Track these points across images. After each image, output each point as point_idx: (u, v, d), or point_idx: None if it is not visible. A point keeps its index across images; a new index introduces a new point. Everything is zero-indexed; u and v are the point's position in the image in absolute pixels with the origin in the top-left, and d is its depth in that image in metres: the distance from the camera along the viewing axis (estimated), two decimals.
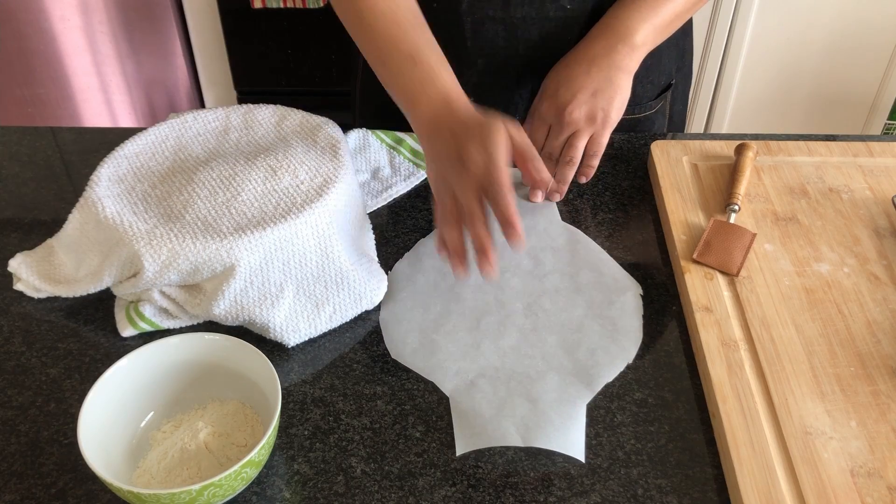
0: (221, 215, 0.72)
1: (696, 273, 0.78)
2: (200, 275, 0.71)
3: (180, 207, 0.73)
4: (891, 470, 0.62)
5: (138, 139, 0.82)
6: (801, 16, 1.87)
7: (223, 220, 0.72)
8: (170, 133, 0.83)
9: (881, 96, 2.01)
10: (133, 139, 0.82)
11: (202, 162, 0.79)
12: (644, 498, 0.62)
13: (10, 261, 0.78)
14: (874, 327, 0.73)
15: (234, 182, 0.75)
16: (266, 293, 0.72)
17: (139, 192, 0.76)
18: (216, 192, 0.74)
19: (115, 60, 1.97)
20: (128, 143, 0.81)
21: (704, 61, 1.96)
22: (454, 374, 0.70)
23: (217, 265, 0.70)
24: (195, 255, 0.69)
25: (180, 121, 0.85)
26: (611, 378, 0.70)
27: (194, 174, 0.77)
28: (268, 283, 0.72)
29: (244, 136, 0.84)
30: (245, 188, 0.75)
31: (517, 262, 0.80)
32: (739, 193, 0.84)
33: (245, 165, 0.77)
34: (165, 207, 0.74)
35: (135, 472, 0.62)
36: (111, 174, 0.78)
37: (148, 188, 0.76)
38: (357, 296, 0.74)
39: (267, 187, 0.75)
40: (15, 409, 0.68)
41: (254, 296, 0.72)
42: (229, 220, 0.72)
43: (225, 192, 0.74)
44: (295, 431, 0.67)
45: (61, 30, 1.90)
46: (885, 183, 0.88)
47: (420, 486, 0.63)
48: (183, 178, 0.77)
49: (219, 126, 0.85)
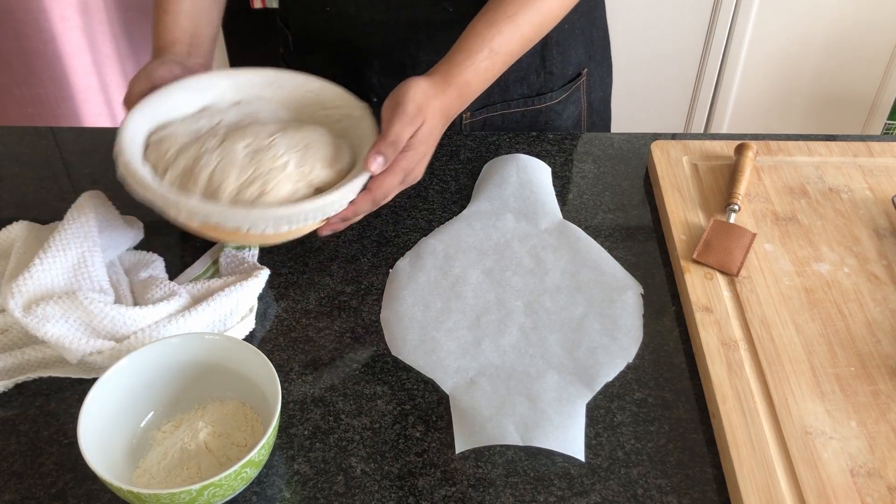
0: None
1: (696, 273, 0.78)
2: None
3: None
4: (891, 470, 0.62)
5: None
6: (801, 16, 1.87)
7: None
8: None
9: (881, 96, 2.01)
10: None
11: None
12: (644, 498, 0.62)
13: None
14: (874, 327, 0.73)
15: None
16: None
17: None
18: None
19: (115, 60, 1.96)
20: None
21: (704, 61, 1.96)
22: (454, 372, 0.70)
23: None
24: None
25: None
26: (611, 377, 0.70)
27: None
28: None
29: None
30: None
31: (518, 261, 0.80)
32: (739, 193, 0.84)
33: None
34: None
35: (135, 472, 0.62)
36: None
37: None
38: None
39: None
40: (15, 409, 0.68)
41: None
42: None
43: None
44: (295, 431, 0.67)
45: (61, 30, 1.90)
46: (885, 183, 0.88)
47: (420, 486, 0.63)
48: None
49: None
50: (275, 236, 0.70)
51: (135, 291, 0.76)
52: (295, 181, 0.71)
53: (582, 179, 0.92)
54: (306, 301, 0.78)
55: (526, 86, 0.99)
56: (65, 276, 0.73)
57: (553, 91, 1.01)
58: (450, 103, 0.78)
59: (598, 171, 0.93)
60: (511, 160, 0.91)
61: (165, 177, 0.71)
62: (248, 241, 0.74)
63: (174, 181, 0.71)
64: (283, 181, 0.70)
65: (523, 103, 1.00)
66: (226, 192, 0.69)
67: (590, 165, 0.94)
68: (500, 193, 0.88)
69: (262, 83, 0.82)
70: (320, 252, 0.83)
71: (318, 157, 0.73)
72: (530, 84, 0.99)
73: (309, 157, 0.72)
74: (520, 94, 1.00)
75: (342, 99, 0.81)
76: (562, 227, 0.85)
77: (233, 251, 0.80)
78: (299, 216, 0.68)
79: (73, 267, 0.73)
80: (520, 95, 1.00)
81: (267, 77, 0.82)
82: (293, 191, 0.71)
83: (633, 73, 1.93)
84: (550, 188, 0.89)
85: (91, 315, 0.69)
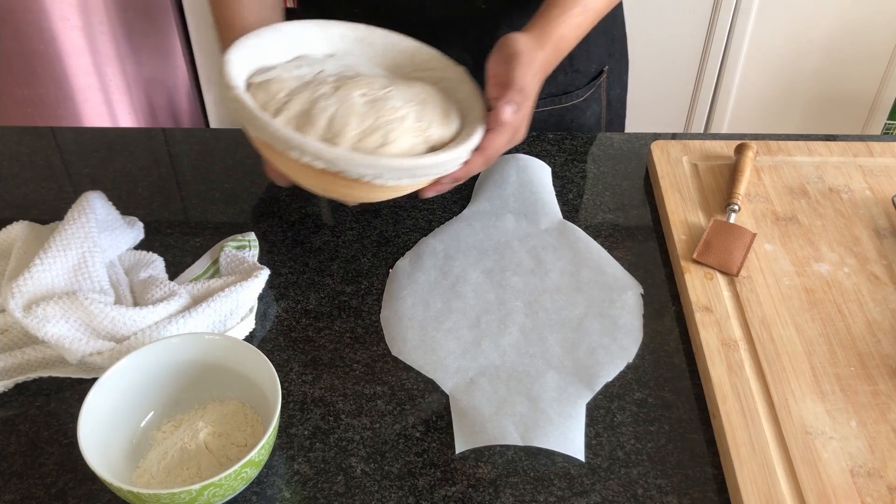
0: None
1: (696, 273, 0.78)
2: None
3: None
4: (891, 470, 0.62)
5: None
6: (801, 16, 1.87)
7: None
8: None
9: (881, 96, 2.01)
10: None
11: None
12: (644, 498, 0.62)
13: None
14: (874, 327, 0.73)
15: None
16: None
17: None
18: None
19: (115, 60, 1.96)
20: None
21: (704, 61, 1.96)
22: (454, 372, 0.70)
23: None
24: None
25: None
26: (611, 377, 0.70)
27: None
28: None
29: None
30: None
31: (518, 261, 0.80)
32: (739, 193, 0.84)
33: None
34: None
35: (135, 472, 0.62)
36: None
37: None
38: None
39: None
40: (15, 409, 0.68)
41: None
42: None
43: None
44: (295, 431, 0.67)
45: (61, 30, 1.90)
46: (885, 183, 0.88)
47: (420, 486, 0.63)
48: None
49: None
50: (391, 189, 0.67)
51: (135, 291, 0.76)
52: (413, 135, 0.68)
53: (582, 179, 0.92)
54: (306, 301, 0.78)
55: (554, 85, 0.99)
56: (65, 277, 0.73)
57: (578, 89, 1.01)
58: (548, 57, 0.76)
59: (598, 171, 0.93)
60: (511, 160, 0.91)
61: (279, 118, 0.67)
62: (358, 192, 0.68)
63: (288, 123, 0.67)
64: (403, 134, 0.67)
65: (550, 102, 1.00)
66: (346, 139, 0.66)
67: (590, 165, 0.94)
68: (500, 193, 0.88)
69: (353, 38, 0.78)
70: (320, 252, 0.83)
71: (435, 114, 0.70)
72: (558, 83, 0.99)
73: (426, 112, 0.70)
74: (547, 94, 0.99)
75: (438, 61, 0.77)
76: (562, 227, 0.85)
77: (233, 251, 0.80)
78: (422, 169, 0.66)
79: (73, 267, 0.74)
80: (547, 94, 1.00)
81: (358, 32, 0.78)
82: (412, 145, 0.68)
83: (633, 73, 1.93)
84: (550, 188, 0.89)
85: (91, 315, 0.69)
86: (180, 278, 0.80)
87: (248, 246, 0.82)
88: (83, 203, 0.79)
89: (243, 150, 0.97)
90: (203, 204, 0.90)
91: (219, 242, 0.83)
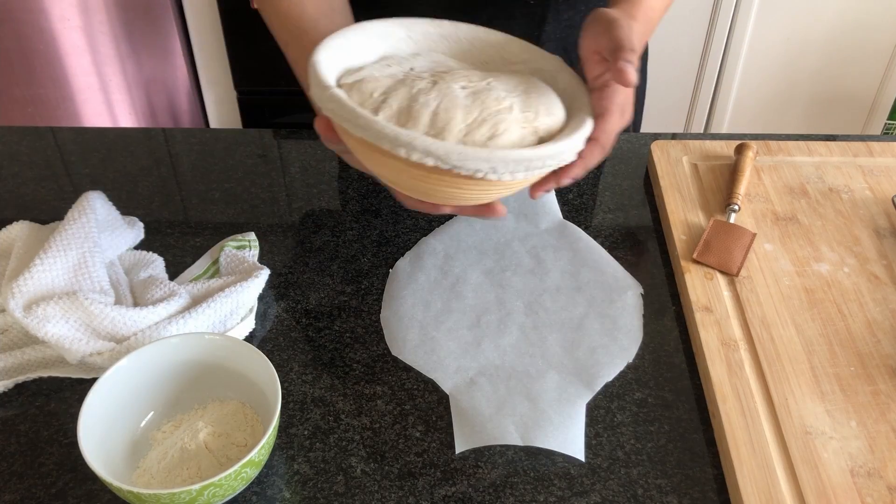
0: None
1: (696, 273, 0.78)
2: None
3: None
4: (891, 470, 0.62)
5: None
6: (801, 16, 1.87)
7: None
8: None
9: (881, 96, 2.01)
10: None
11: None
12: (644, 498, 0.62)
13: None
14: (874, 327, 0.73)
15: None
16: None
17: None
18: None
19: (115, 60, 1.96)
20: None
21: (704, 61, 1.96)
22: (454, 372, 0.70)
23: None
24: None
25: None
26: (611, 377, 0.70)
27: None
28: None
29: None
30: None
31: (518, 261, 0.80)
32: (739, 193, 0.84)
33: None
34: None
35: (135, 472, 0.62)
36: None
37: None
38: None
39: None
40: (15, 409, 0.68)
41: None
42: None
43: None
44: (295, 431, 0.67)
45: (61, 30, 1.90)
46: (885, 183, 0.88)
47: (420, 486, 0.63)
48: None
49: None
50: (505, 186, 0.62)
51: (135, 291, 0.76)
52: (522, 125, 0.64)
53: (582, 179, 0.92)
54: (306, 301, 0.78)
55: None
56: (65, 277, 0.73)
57: None
58: (642, 29, 0.72)
59: (597, 171, 0.93)
60: None
61: (378, 116, 0.63)
62: (469, 191, 0.63)
63: (389, 121, 0.62)
64: (512, 124, 0.63)
65: None
66: (453, 133, 0.62)
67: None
68: None
69: (437, 35, 0.74)
70: (320, 252, 0.83)
71: (541, 103, 0.66)
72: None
73: (531, 102, 0.65)
74: None
75: (529, 52, 0.73)
76: (562, 227, 0.85)
77: (233, 251, 0.80)
78: (539, 160, 0.61)
79: (73, 267, 0.74)
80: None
81: (442, 29, 0.74)
82: (521, 136, 0.63)
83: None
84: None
85: (91, 316, 0.69)
86: (180, 278, 0.80)
87: (248, 246, 0.82)
88: (83, 203, 0.79)
89: (243, 150, 0.97)
90: (203, 204, 0.90)
91: (219, 242, 0.83)
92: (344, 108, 0.61)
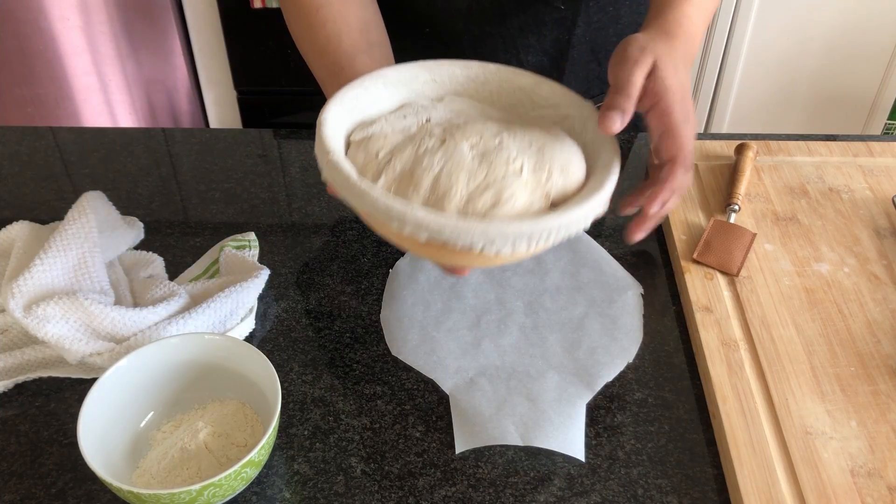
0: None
1: (696, 273, 0.78)
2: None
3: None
4: (891, 470, 0.62)
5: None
6: (801, 16, 1.87)
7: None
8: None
9: (881, 96, 2.01)
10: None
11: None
12: (644, 498, 0.62)
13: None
14: (874, 327, 0.73)
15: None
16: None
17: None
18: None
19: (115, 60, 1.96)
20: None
21: (704, 61, 1.96)
22: (454, 372, 0.70)
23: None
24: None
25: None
26: (611, 377, 0.70)
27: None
28: None
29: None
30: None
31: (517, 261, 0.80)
32: (739, 193, 0.84)
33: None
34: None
35: (135, 472, 0.62)
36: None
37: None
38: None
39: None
40: (15, 409, 0.68)
41: None
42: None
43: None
44: (295, 431, 0.67)
45: (61, 30, 1.90)
46: (886, 183, 0.88)
47: (420, 486, 0.63)
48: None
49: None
50: (508, 257, 0.58)
51: (135, 291, 0.76)
52: (531, 190, 0.60)
53: None
54: (306, 301, 0.78)
55: (597, 86, 0.99)
56: (65, 277, 0.73)
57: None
58: (677, 45, 0.67)
59: None
60: None
61: (378, 182, 0.61)
62: (474, 260, 0.60)
63: (390, 187, 0.61)
64: (519, 189, 0.59)
65: (600, 99, 0.99)
66: (454, 201, 0.59)
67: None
68: None
69: (463, 78, 0.71)
70: (320, 252, 0.83)
71: (556, 161, 0.61)
72: (601, 82, 0.99)
73: (545, 160, 0.61)
74: (600, 91, 0.99)
75: (560, 97, 0.69)
76: None
77: (233, 251, 0.80)
78: (542, 233, 0.57)
79: (73, 267, 0.73)
80: (600, 92, 0.99)
81: (469, 71, 0.71)
82: (529, 202, 0.60)
83: None
84: None
85: (91, 316, 0.69)
86: (180, 278, 0.80)
87: (248, 246, 0.82)
88: (83, 203, 0.79)
89: (243, 150, 0.97)
90: (203, 204, 0.90)
91: (219, 242, 0.83)
92: (341, 176, 0.59)
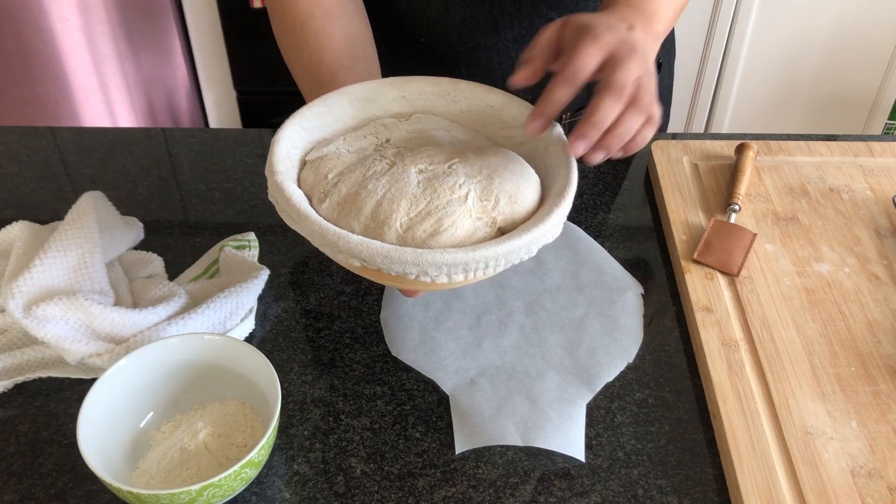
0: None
1: (697, 273, 0.78)
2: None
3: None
4: (891, 470, 0.62)
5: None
6: (801, 16, 1.87)
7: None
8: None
9: (881, 96, 2.01)
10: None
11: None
12: (644, 498, 0.62)
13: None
14: (874, 327, 0.73)
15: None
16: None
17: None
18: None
19: (115, 60, 1.96)
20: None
21: (704, 61, 1.96)
22: (454, 373, 0.70)
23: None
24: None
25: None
26: (611, 378, 0.70)
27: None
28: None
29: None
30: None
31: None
32: (740, 193, 0.84)
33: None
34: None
35: (134, 473, 0.62)
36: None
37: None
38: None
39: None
40: (15, 409, 0.68)
41: None
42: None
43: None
44: (295, 431, 0.67)
45: (61, 30, 1.90)
46: (886, 183, 0.88)
47: (420, 486, 0.63)
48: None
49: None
50: (447, 284, 0.59)
51: (134, 291, 0.76)
52: (475, 217, 0.60)
53: (582, 179, 0.92)
54: (306, 301, 0.78)
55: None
56: (65, 277, 0.73)
57: None
58: (615, 10, 0.66)
59: (598, 171, 0.93)
60: None
61: (324, 204, 0.62)
62: (414, 287, 0.61)
63: (332, 210, 0.61)
64: (461, 217, 0.59)
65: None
66: (393, 228, 0.59)
67: (590, 165, 0.94)
68: None
69: (433, 94, 0.71)
70: (320, 252, 0.83)
71: (504, 189, 0.62)
72: None
73: (494, 188, 0.61)
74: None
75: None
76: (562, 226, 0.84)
77: (233, 251, 0.80)
78: (479, 263, 0.57)
79: (73, 267, 0.73)
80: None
81: (439, 88, 0.71)
82: (472, 230, 0.60)
83: None
84: None
85: (91, 316, 0.69)
86: (180, 278, 0.80)
87: (248, 246, 0.82)
88: (83, 203, 0.79)
89: (243, 150, 0.97)
90: (203, 204, 0.90)
91: (219, 242, 0.83)
92: (282, 197, 0.61)
